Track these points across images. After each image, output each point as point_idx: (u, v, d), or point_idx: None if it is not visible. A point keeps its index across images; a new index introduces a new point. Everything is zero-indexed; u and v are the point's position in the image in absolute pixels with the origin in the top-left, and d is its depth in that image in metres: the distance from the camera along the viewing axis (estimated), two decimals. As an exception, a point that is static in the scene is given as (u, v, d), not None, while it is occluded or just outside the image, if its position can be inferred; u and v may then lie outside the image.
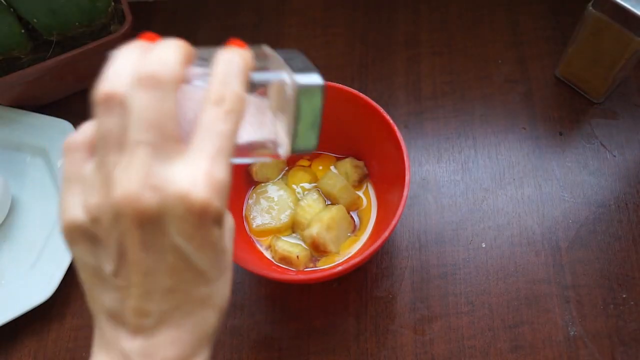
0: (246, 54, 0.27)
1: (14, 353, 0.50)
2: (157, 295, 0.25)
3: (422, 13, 0.64)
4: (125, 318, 0.25)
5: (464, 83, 0.60)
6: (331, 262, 0.50)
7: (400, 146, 0.45)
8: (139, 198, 0.23)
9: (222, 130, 0.24)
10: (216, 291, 0.27)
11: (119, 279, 0.25)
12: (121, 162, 0.23)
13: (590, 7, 0.50)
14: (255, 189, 0.53)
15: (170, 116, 0.24)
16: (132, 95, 0.23)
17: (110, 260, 0.25)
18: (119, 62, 0.25)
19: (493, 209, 0.53)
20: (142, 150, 0.23)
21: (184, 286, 0.25)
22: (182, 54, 0.25)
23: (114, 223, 0.24)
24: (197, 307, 0.26)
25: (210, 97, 0.25)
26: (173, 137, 0.24)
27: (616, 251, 0.51)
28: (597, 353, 0.47)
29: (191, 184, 0.23)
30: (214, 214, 0.24)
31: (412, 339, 0.49)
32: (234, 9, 0.66)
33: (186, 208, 0.23)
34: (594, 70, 0.54)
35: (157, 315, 0.25)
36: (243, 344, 0.50)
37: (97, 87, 0.24)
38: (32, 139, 0.57)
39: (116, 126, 0.24)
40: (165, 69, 0.24)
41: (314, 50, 0.63)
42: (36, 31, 0.56)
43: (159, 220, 0.23)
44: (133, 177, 0.23)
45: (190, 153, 0.24)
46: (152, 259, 0.24)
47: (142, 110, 0.23)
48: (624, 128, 0.56)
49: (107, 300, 0.26)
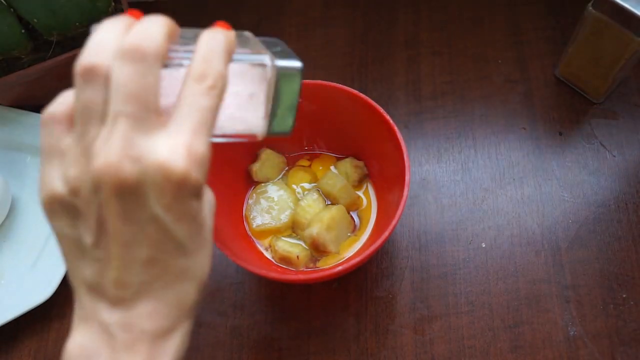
0: (230, 34, 0.27)
1: (14, 353, 0.50)
2: (137, 267, 0.25)
3: (422, 13, 0.64)
4: (105, 290, 0.26)
5: (464, 83, 0.60)
6: (331, 262, 0.50)
7: (400, 146, 0.45)
8: (119, 168, 0.23)
9: (204, 105, 0.25)
10: (195, 264, 0.27)
11: (99, 250, 0.25)
12: (101, 133, 0.23)
13: (590, 7, 0.50)
14: (255, 189, 0.53)
15: (153, 89, 0.24)
16: (115, 67, 0.23)
17: (90, 231, 0.25)
18: (102, 35, 0.25)
19: (493, 209, 0.53)
20: (123, 121, 0.23)
21: (163, 257, 0.26)
22: (166, 29, 0.25)
23: (93, 194, 0.24)
24: (177, 279, 0.26)
25: (192, 73, 0.25)
26: (154, 109, 0.24)
27: (616, 251, 0.51)
28: (597, 353, 0.47)
29: (171, 155, 0.23)
30: (192, 185, 0.24)
31: (412, 339, 0.49)
32: (234, 9, 0.66)
33: (165, 178, 0.23)
34: (594, 70, 0.54)
35: (137, 287, 0.25)
36: (243, 344, 0.50)
37: (79, 59, 0.24)
38: (32, 139, 0.57)
39: (97, 98, 0.24)
40: (149, 42, 0.24)
41: (314, 50, 0.63)
42: (36, 31, 0.56)
43: (138, 191, 0.24)
44: (113, 148, 0.23)
45: (171, 126, 0.24)
46: (132, 230, 0.24)
47: (125, 82, 0.23)
48: (624, 128, 0.56)
49: (87, 272, 0.26)
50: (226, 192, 0.49)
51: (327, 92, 0.49)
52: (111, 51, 0.24)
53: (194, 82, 0.25)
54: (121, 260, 0.25)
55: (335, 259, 0.50)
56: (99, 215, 0.24)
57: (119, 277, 0.25)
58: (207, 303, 0.51)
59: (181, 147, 0.24)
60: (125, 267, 0.25)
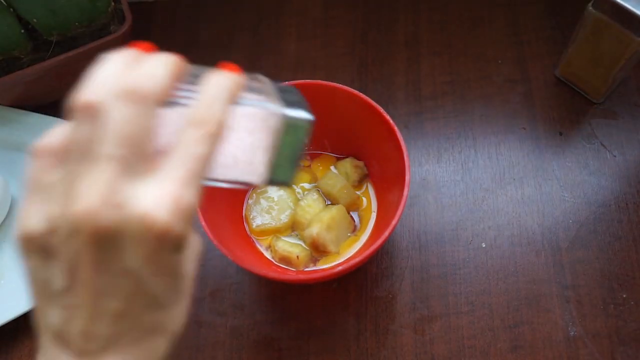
0: (238, 79, 0.26)
1: (14, 353, 0.50)
2: (106, 319, 0.24)
3: (422, 13, 0.64)
4: (70, 340, 0.24)
5: (464, 83, 0.60)
6: (331, 262, 0.50)
7: (400, 146, 0.45)
8: (98, 214, 0.22)
9: (198, 153, 0.24)
10: (170, 318, 0.26)
11: (69, 297, 0.24)
12: (87, 174, 0.22)
13: (590, 7, 0.50)
14: (255, 189, 0.53)
15: (147, 133, 0.23)
16: (112, 107, 0.23)
17: (62, 276, 0.23)
18: (105, 70, 0.24)
19: (493, 209, 0.53)
20: (112, 165, 0.22)
21: (135, 311, 0.24)
22: (172, 70, 0.24)
23: (69, 237, 0.22)
24: (148, 334, 0.25)
25: (192, 118, 0.24)
26: (146, 155, 0.23)
27: (616, 251, 0.51)
28: (597, 353, 0.47)
29: (154, 206, 0.22)
30: (174, 238, 0.23)
31: (412, 339, 0.49)
32: (234, 9, 0.66)
33: (145, 230, 0.22)
34: (594, 70, 0.54)
35: (104, 340, 0.24)
36: (243, 344, 0.50)
37: (78, 93, 0.23)
38: (32, 139, 0.57)
39: (90, 136, 0.23)
40: (150, 85, 0.23)
41: (314, 50, 0.63)
42: (36, 31, 0.56)
43: (116, 240, 0.22)
44: (95, 192, 0.22)
45: (160, 173, 0.23)
46: (105, 280, 0.23)
47: (119, 125, 0.22)
48: (624, 128, 0.56)
49: (54, 318, 0.24)
50: (226, 192, 0.49)
51: (327, 92, 0.48)
52: (112, 89, 0.23)
53: (191, 127, 0.24)
54: (90, 310, 0.23)
55: (335, 259, 0.50)
56: (73, 260, 0.23)
57: (86, 328, 0.24)
58: (207, 303, 0.51)
59: (167, 198, 0.23)
60: (94, 318, 0.24)
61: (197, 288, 0.52)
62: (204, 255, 0.53)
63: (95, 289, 0.23)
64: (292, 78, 0.49)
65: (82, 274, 0.23)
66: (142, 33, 0.64)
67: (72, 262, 0.23)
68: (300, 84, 0.48)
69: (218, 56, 0.63)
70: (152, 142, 0.24)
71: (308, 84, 0.48)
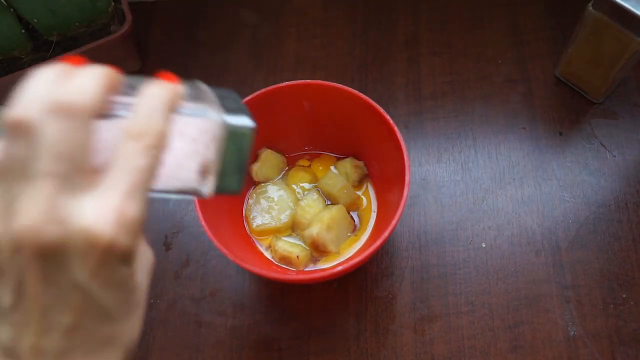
0: (175, 88, 0.26)
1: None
2: (56, 334, 0.24)
3: (422, 13, 0.64)
4: (21, 356, 0.24)
5: (464, 83, 0.60)
6: (331, 262, 0.50)
7: (400, 146, 0.45)
8: (40, 230, 0.22)
9: (139, 165, 0.23)
10: (122, 330, 0.26)
11: (17, 314, 0.23)
12: (26, 191, 0.22)
13: (590, 7, 0.50)
14: (255, 189, 0.53)
15: (82, 148, 0.23)
16: (43, 124, 0.22)
17: (8, 293, 0.23)
18: (35, 86, 0.23)
19: (493, 209, 0.53)
20: (49, 181, 0.22)
21: (86, 324, 0.24)
22: (104, 82, 0.24)
23: (13, 255, 0.22)
24: (101, 347, 0.25)
25: (130, 130, 0.24)
26: (83, 169, 0.23)
27: (616, 251, 0.51)
28: (597, 353, 0.47)
29: (97, 219, 0.22)
30: (120, 251, 0.23)
31: (412, 339, 0.49)
32: (234, 9, 0.66)
33: (89, 244, 0.22)
34: (594, 70, 0.54)
35: (55, 354, 0.24)
36: (243, 344, 0.50)
37: (8, 111, 0.23)
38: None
39: (24, 154, 0.22)
40: (81, 99, 0.23)
41: (314, 50, 0.63)
42: (36, 31, 0.56)
43: (60, 255, 0.22)
44: (35, 209, 0.22)
45: (101, 187, 0.23)
46: (52, 295, 0.23)
47: (52, 141, 0.22)
48: (623, 128, 0.56)
49: (3, 335, 0.24)
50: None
51: (327, 92, 0.49)
52: (43, 104, 0.22)
53: (130, 139, 0.24)
54: (39, 326, 0.23)
55: (335, 259, 0.50)
56: (19, 277, 0.23)
57: (36, 344, 0.23)
58: (207, 303, 0.51)
59: (110, 211, 0.23)
60: (44, 333, 0.23)
61: (197, 288, 0.52)
62: (204, 255, 0.53)
63: (43, 304, 0.23)
64: (292, 78, 0.49)
65: (28, 290, 0.23)
66: (142, 33, 0.64)
67: (18, 279, 0.23)
68: (300, 84, 0.48)
69: (218, 56, 0.63)
70: (91, 156, 0.23)
71: (308, 84, 0.48)
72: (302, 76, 0.60)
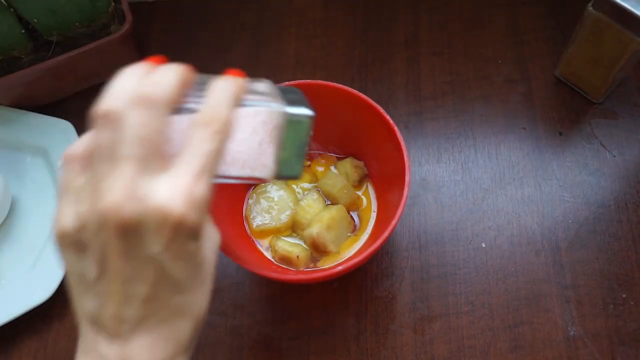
0: (240, 82, 0.29)
1: (14, 353, 0.50)
2: (135, 303, 0.26)
3: (422, 13, 0.64)
4: (104, 324, 0.27)
5: (464, 83, 0.60)
6: (331, 262, 0.50)
7: (400, 146, 0.45)
8: (121, 208, 0.24)
9: (207, 149, 0.26)
10: (193, 301, 0.28)
11: (100, 285, 0.26)
12: (110, 174, 0.25)
13: (590, 7, 0.50)
14: (255, 189, 0.53)
15: (160, 134, 0.26)
16: (127, 113, 0.25)
17: (93, 266, 0.26)
18: (121, 82, 0.27)
19: (493, 209, 0.53)
20: (130, 164, 0.25)
21: (160, 295, 0.27)
22: (180, 78, 0.27)
23: (98, 231, 0.25)
24: (173, 316, 0.28)
25: (200, 119, 0.27)
26: (160, 153, 0.26)
27: (616, 251, 0.51)
28: (597, 353, 0.47)
29: (169, 198, 0.25)
30: (189, 227, 0.25)
31: (412, 339, 0.49)
32: (234, 9, 0.66)
33: (162, 220, 0.25)
34: (594, 70, 0.54)
35: (134, 322, 0.27)
36: (243, 344, 0.50)
37: (98, 104, 0.26)
38: (32, 139, 0.57)
39: (110, 141, 0.25)
40: (160, 91, 0.26)
41: (314, 50, 0.63)
42: (36, 31, 0.56)
43: (138, 231, 0.25)
44: (118, 189, 0.24)
45: (174, 169, 0.26)
46: (131, 268, 0.26)
47: (134, 127, 0.25)
48: (623, 128, 0.56)
49: (89, 305, 0.27)
50: (226, 192, 0.49)
51: (327, 92, 0.48)
52: (127, 97, 0.26)
53: (199, 127, 0.27)
54: (120, 296, 0.26)
55: (335, 259, 0.50)
56: (102, 252, 0.25)
57: (117, 312, 0.26)
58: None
59: (181, 190, 0.25)
60: (124, 302, 0.26)
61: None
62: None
63: (123, 276, 0.26)
64: (292, 78, 0.49)
65: (110, 263, 0.25)
66: (142, 33, 0.64)
67: (102, 253, 0.25)
68: (300, 84, 0.48)
69: (218, 56, 0.63)
70: (166, 143, 0.26)
71: (308, 84, 0.48)
72: (302, 76, 0.60)
